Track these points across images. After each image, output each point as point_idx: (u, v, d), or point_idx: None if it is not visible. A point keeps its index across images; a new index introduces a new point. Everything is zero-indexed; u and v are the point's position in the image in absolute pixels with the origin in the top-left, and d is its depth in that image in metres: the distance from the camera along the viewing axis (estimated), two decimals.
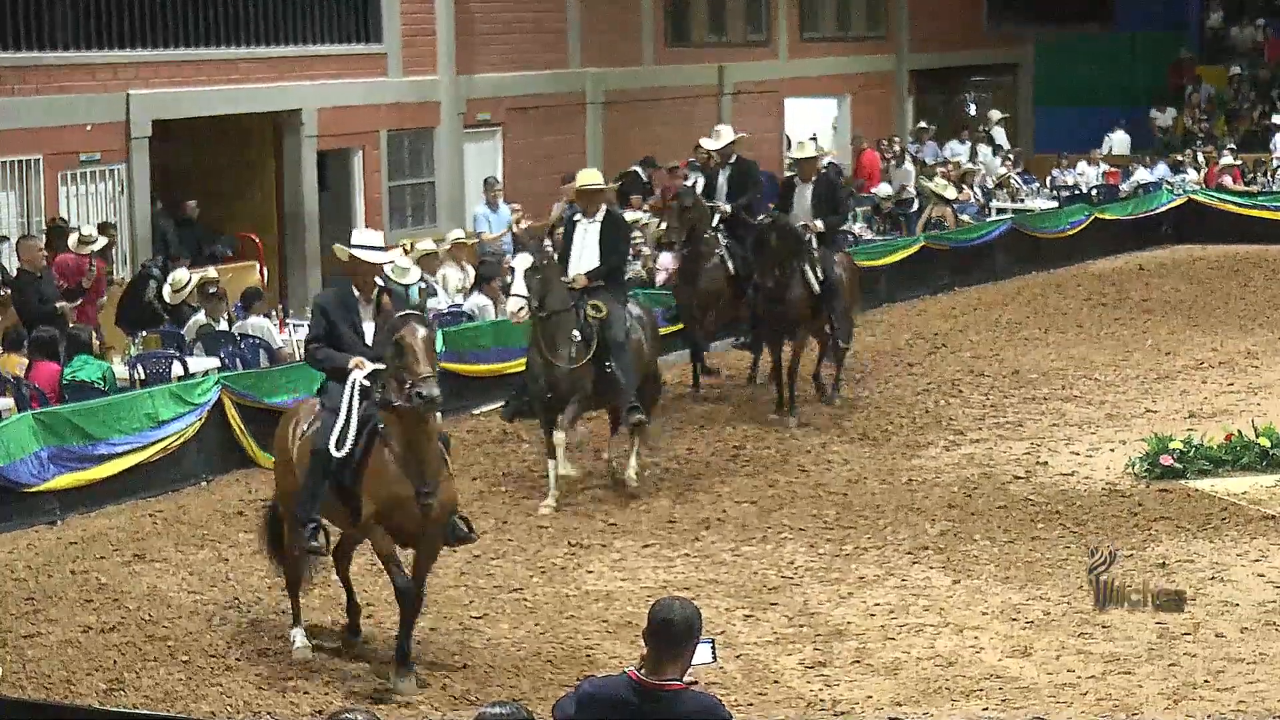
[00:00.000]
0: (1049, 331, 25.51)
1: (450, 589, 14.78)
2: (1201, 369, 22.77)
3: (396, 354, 12.28)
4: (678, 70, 32.58)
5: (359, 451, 12.59)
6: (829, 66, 36.03)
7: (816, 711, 12.07)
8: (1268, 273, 30.41)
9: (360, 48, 27.22)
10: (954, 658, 12.98)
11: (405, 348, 12.24)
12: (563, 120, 30.13)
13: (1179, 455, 17.59)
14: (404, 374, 12.23)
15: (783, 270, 20.06)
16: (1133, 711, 11.80)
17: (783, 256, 20.02)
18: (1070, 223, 32.13)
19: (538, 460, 18.19)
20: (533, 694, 12.11)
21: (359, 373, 12.65)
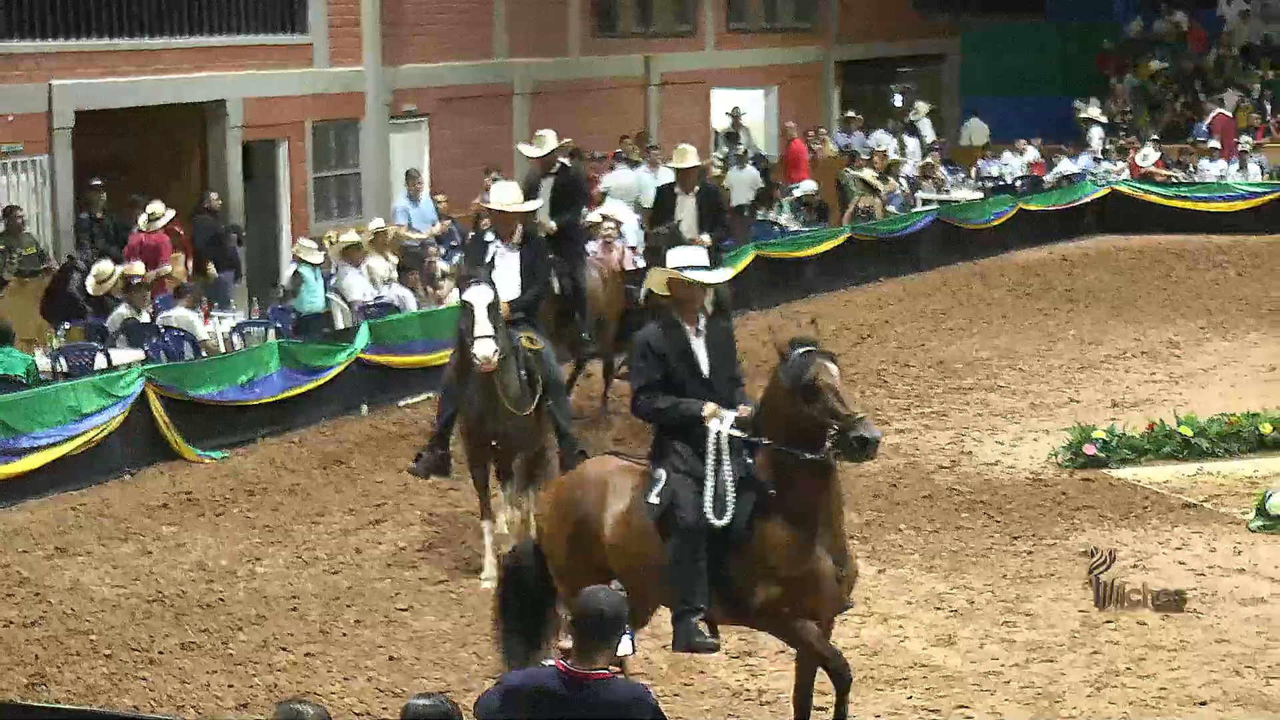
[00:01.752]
0: (974, 322, 25.63)
1: (376, 581, 14.75)
2: (1124, 358, 22.92)
3: (808, 397, 10.35)
4: (604, 61, 32.56)
5: (741, 521, 10.54)
6: (756, 57, 36.09)
7: (742, 701, 12.10)
8: (1190, 263, 30.65)
9: (285, 38, 27.09)
10: (879, 647, 13.03)
11: (820, 390, 10.34)
12: (489, 111, 30.07)
13: (1102, 444, 17.71)
14: (825, 418, 10.29)
15: None
16: (1055, 699, 11.88)
17: None
18: (995, 213, 32.31)
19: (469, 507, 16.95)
20: (459, 686, 12.09)
21: (719, 423, 10.67)
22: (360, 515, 16.73)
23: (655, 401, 10.86)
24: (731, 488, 10.49)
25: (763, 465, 10.56)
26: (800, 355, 10.50)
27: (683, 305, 11.08)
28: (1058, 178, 34.70)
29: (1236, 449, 17.73)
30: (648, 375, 10.91)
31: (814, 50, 37.72)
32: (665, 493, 10.68)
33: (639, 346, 11.10)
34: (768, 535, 10.42)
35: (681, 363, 10.89)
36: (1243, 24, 41.15)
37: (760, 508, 10.47)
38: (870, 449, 10.38)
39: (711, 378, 10.93)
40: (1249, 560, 14.64)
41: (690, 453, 10.70)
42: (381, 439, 19.72)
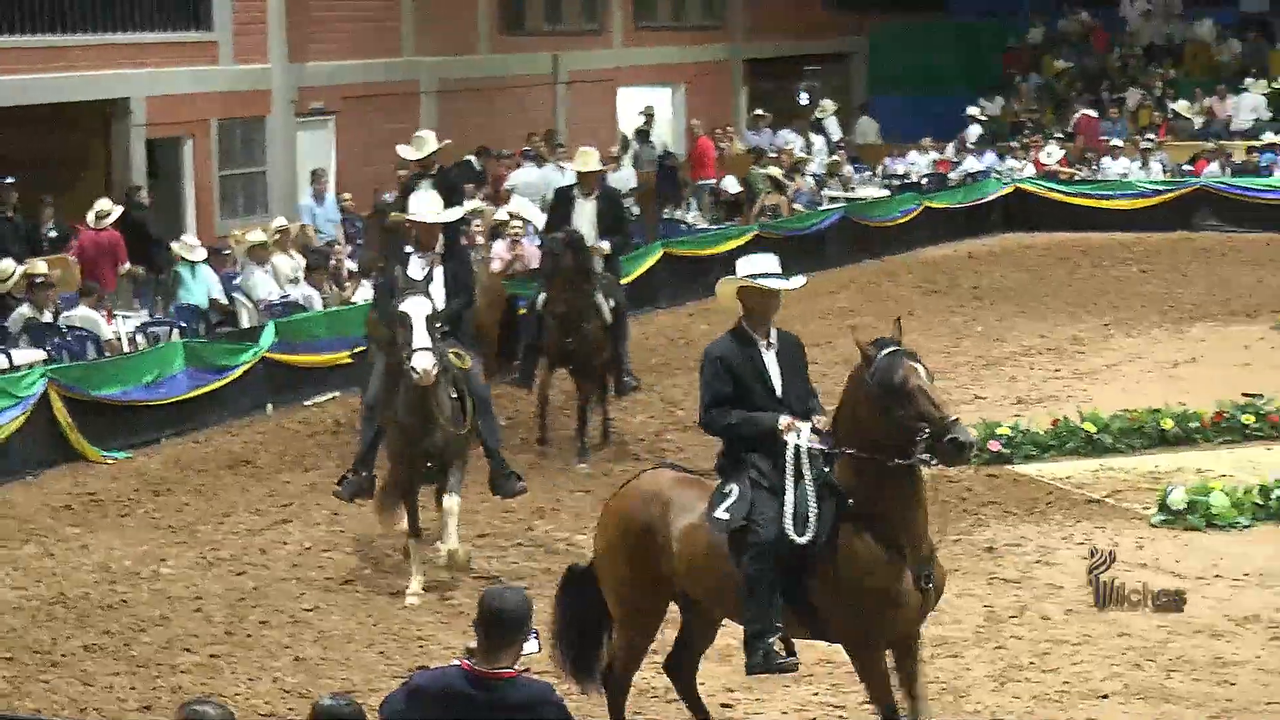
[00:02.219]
0: (880, 319, 25.66)
1: (282, 582, 14.69)
2: (1029, 355, 23.08)
3: (898, 401, 9.90)
4: (512, 59, 32.52)
5: (822, 536, 10.11)
6: (664, 55, 36.14)
7: (649, 699, 12.10)
8: (1094, 260, 30.90)
9: (191, 35, 26.92)
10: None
11: (911, 392, 9.91)
12: (397, 109, 29.96)
13: (1006, 440, 17.83)
14: (916, 422, 9.87)
15: (576, 296, 17.94)
16: (960, 694, 11.95)
17: (577, 280, 17.90)
18: (901, 211, 32.47)
19: None
20: (365, 686, 12.05)
21: (796, 436, 10.28)
22: (266, 515, 16.65)
23: (726, 416, 10.41)
24: (812, 503, 10.09)
25: (842, 475, 10.13)
26: (886, 356, 10.00)
27: (755, 315, 10.58)
28: (963, 175, 34.90)
29: (1139, 445, 17.90)
30: (717, 389, 10.45)
31: (721, 48, 37.80)
32: (738, 508, 10.24)
33: (708, 360, 10.58)
34: (850, 550, 9.99)
35: (753, 376, 10.46)
36: (1145, 23, 41.50)
37: (841, 521, 10.04)
38: (966, 452, 9.94)
39: (784, 391, 10.51)
40: (1150, 555, 14.77)
41: (769, 466, 10.27)
42: (288, 438, 19.62)
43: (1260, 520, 15.51)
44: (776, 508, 10.13)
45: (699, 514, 10.43)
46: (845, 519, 10.04)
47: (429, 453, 14.19)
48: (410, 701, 7.63)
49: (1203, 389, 19.84)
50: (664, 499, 10.55)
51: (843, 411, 10.29)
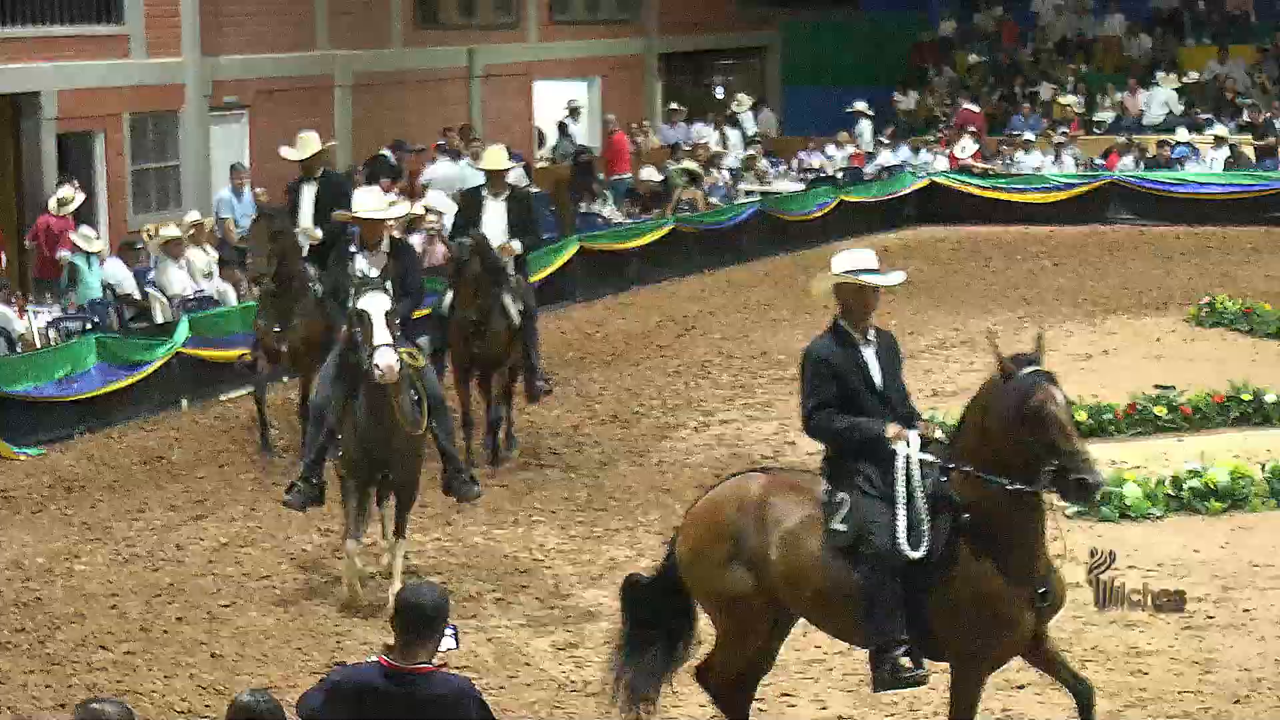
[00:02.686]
0: (797, 313, 25.80)
1: (198, 577, 14.61)
2: (944, 348, 23.21)
3: (1031, 426, 9.56)
4: (427, 52, 32.40)
5: (937, 551, 9.79)
6: (579, 49, 36.09)
7: (568, 693, 12.12)
8: (1008, 253, 31.09)
9: (102, 28, 26.68)
10: (704, 637, 13.01)
11: (1046, 420, 9.56)
12: (311, 103, 29.80)
13: None
14: (1046, 452, 9.51)
15: (483, 300, 17.47)
16: None
17: (484, 284, 17.43)
18: (817, 205, 32.56)
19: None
20: (283, 682, 12.01)
21: (906, 445, 9.93)
22: (181, 511, 16.55)
23: (833, 421, 10.02)
24: (926, 516, 9.74)
25: (960, 488, 9.78)
26: (1027, 376, 9.68)
27: (854, 313, 10.22)
28: (878, 169, 35.04)
29: None
30: (821, 392, 10.06)
31: (636, 42, 37.80)
32: (852, 518, 9.88)
33: (810, 362, 10.21)
34: (967, 568, 9.68)
35: (857, 378, 10.12)
36: (1057, 18, 41.78)
37: (957, 537, 9.72)
38: (1093, 495, 9.69)
39: (885, 390, 10.22)
40: (1065, 546, 14.83)
41: (878, 475, 9.91)
42: (203, 434, 19.51)
43: (1172, 511, 15.66)
44: (890, 518, 9.80)
45: (798, 521, 10.08)
46: (961, 534, 9.71)
47: (386, 457, 13.70)
48: (328, 698, 7.60)
49: (1115, 381, 20.00)
50: (759, 504, 10.16)
51: (968, 424, 9.97)
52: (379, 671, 7.52)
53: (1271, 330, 23.02)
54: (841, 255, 10.52)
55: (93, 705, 7.07)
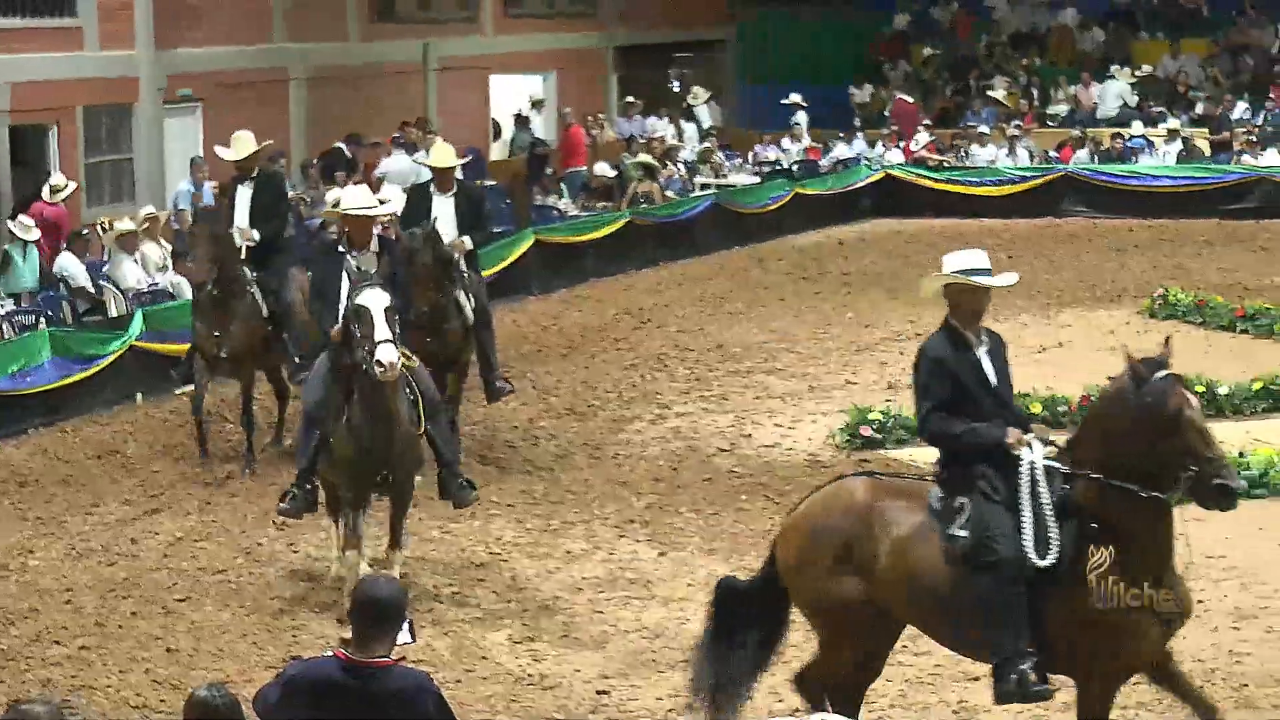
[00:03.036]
0: (752, 305, 25.85)
1: (153, 572, 14.56)
2: (899, 340, 23.24)
3: (1166, 432, 9.37)
4: (383, 46, 32.32)
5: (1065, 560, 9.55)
6: (535, 43, 36.05)
7: (524, 686, 12.12)
8: (962, 246, 31.05)
9: (55, 21, 26.54)
10: (661, 630, 13.12)
11: (1184, 425, 9.37)
12: (266, 97, 29.71)
13: (878, 426, 17.98)
14: (1183, 458, 9.36)
15: (437, 294, 16.97)
16: None
17: (438, 277, 16.90)
18: (772, 198, 32.60)
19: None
20: (239, 677, 11.98)
21: (1029, 451, 9.74)
22: (136, 505, 16.49)
23: (950, 425, 9.81)
24: (1052, 523, 9.49)
25: (1084, 495, 9.59)
26: (1161, 381, 9.42)
27: (965, 314, 10.03)
28: (833, 162, 35.10)
29: None
30: (937, 393, 9.85)
31: (593, 36, 37.77)
32: (973, 524, 9.65)
33: (925, 361, 9.99)
34: (1094, 577, 9.47)
35: (973, 380, 9.91)
36: (1011, 12, 41.91)
37: (1084, 545, 9.50)
38: (1232, 500, 9.36)
39: (998, 391, 10.01)
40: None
41: (999, 480, 9.70)
42: (157, 428, 19.44)
43: None
44: (1013, 525, 9.56)
45: (912, 527, 9.85)
46: (1087, 542, 9.51)
47: (387, 458, 13.30)
48: (285, 693, 7.59)
49: (1070, 373, 20.05)
50: (866, 510, 9.94)
51: (1091, 428, 9.84)
52: (336, 666, 7.51)
53: (1224, 323, 23.14)
54: (953, 255, 10.32)
55: (22, 706, 7.04)
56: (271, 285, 17.74)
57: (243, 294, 17.59)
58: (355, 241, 14.01)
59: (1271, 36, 38.87)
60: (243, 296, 17.59)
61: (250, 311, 17.60)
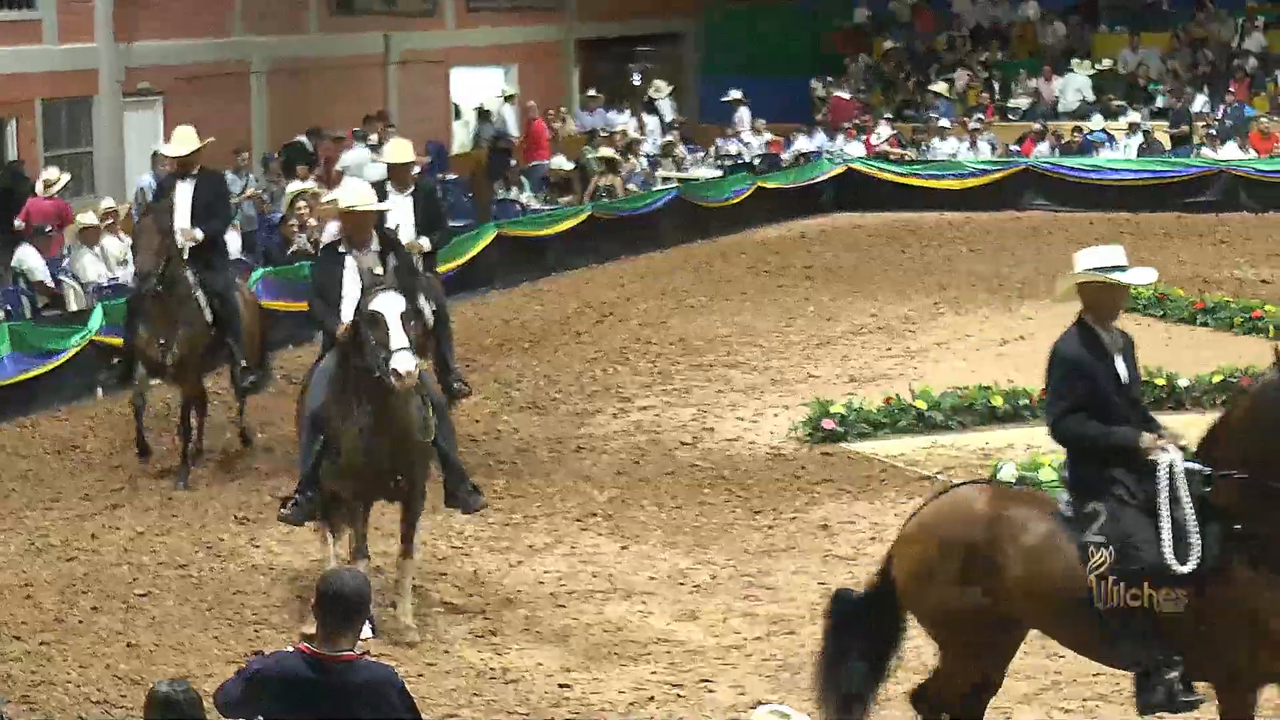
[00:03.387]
0: (714, 299, 25.86)
1: (114, 567, 14.51)
2: (861, 334, 23.29)
3: None
4: (344, 39, 32.26)
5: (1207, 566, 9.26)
6: (497, 36, 36.01)
7: (487, 680, 12.12)
8: (924, 240, 31.21)
9: (13, 14, 26.46)
10: (623, 623, 13.13)
11: None
12: (226, 89, 29.64)
13: (840, 419, 18.01)
14: None
15: None
16: (796, 671, 12.04)
17: (402, 280, 16.27)
18: (734, 191, 32.60)
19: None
20: (200, 672, 11.95)
21: (1167, 454, 9.41)
22: (96, 500, 16.43)
23: (1085, 428, 9.55)
24: (1193, 528, 9.21)
25: (1223, 496, 9.31)
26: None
27: (1101, 313, 9.72)
28: (795, 156, 35.12)
29: (969, 422, 18.15)
30: (1071, 395, 9.59)
31: (554, 29, 37.74)
32: (1110, 530, 9.39)
33: (1060, 360, 9.70)
34: (1238, 581, 9.19)
35: (1108, 382, 9.64)
36: (972, 5, 41.98)
37: (1229, 549, 9.22)
38: None
39: (1130, 392, 9.77)
40: None
41: (1135, 484, 9.45)
42: (117, 422, 19.35)
43: None
44: (1153, 530, 9.29)
45: (1042, 534, 9.60)
46: (1230, 546, 9.23)
47: (394, 468, 12.82)
48: (248, 688, 7.57)
49: (1031, 366, 19.88)
50: (991, 518, 9.67)
51: (1232, 427, 9.48)
52: (300, 660, 7.49)
53: (1184, 315, 23.23)
54: (1088, 252, 9.98)
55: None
56: (215, 287, 17.02)
57: (187, 297, 16.83)
58: (356, 239, 13.49)
59: (1231, 30, 39.01)
60: (187, 299, 16.83)
61: (195, 315, 16.89)
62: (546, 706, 11.59)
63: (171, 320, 16.83)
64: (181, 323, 16.85)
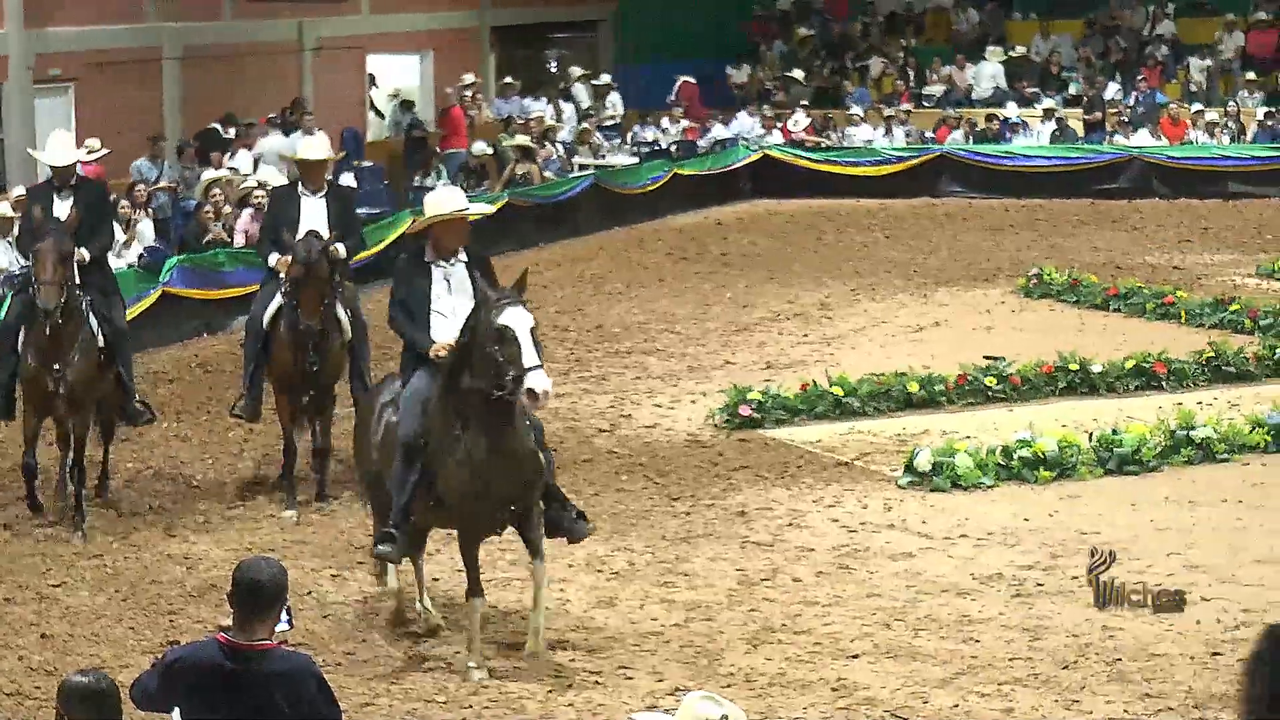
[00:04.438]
0: (631, 286, 25.88)
1: (27, 557, 14.40)
2: (778, 321, 23.36)
3: None
4: (258, 25, 32.05)
5: None
6: (412, 23, 35.85)
7: (405, 669, 12.08)
8: (840, 226, 31.34)
9: None
10: None
11: None
12: (140, 76, 29.40)
13: (757, 405, 18.05)
14: None
15: (326, 310, 15.37)
16: (714, 657, 12.09)
17: (327, 291, 15.30)
18: (651, 178, 32.64)
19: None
20: (114, 661, 11.87)
21: None
22: (10, 491, 16.28)
23: None
24: None
25: None
26: None
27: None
28: (711, 143, 35.17)
29: (886, 408, 18.23)
30: None
31: (470, 15, 37.60)
32: None
33: None
34: None
35: None
36: None
37: None
38: None
39: None
40: (898, 516, 15.06)
41: None
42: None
43: (1002, 480, 15.89)
44: None
45: None
46: None
47: (511, 495, 11.85)
48: (165, 678, 7.52)
49: (946, 352, 20.25)
50: None
51: None
52: (217, 649, 7.45)
53: (1097, 301, 23.41)
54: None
55: None
56: (103, 310, 15.26)
57: (81, 322, 14.96)
58: (443, 250, 12.30)
59: (1142, 18, 39.32)
60: (80, 325, 14.95)
61: (89, 342, 15.03)
62: (465, 695, 11.57)
63: (64, 347, 14.86)
64: (78, 349, 14.91)
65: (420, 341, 12.17)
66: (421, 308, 12.18)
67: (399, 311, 12.34)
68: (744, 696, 11.14)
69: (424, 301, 12.18)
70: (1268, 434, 16.70)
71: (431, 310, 12.19)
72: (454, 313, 12.09)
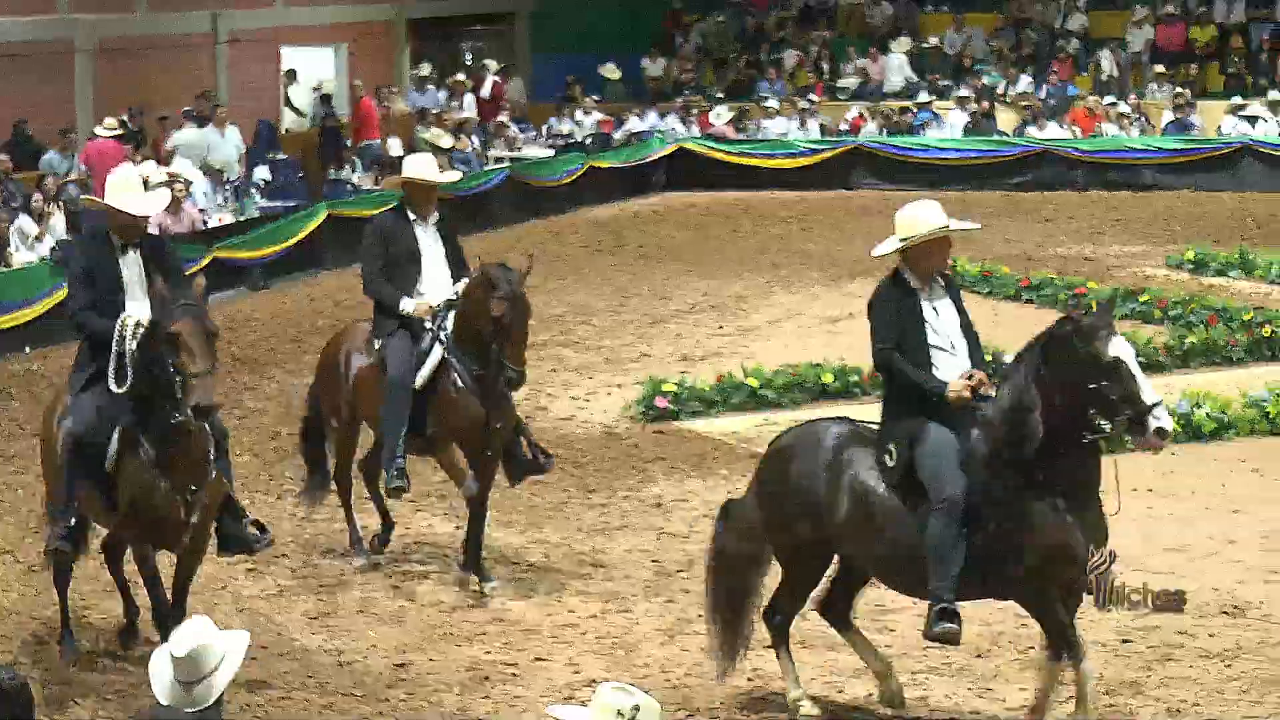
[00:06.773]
0: (548, 279, 25.82)
1: None
2: (694, 312, 23.43)
3: None
4: (171, 17, 31.85)
5: None
6: (327, 15, 35.71)
7: (322, 662, 12.06)
8: (756, 218, 31.43)
9: None
10: (457, 603, 13.13)
11: None
12: (51, 69, 29.18)
13: (673, 397, 18.11)
14: None
15: None
16: (631, 648, 12.13)
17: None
18: (566, 171, 32.65)
19: None
20: (27, 660, 11.81)
21: None
22: None
23: None
24: None
25: None
26: None
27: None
28: (627, 135, 35.20)
29: (800, 399, 18.31)
30: None
31: (386, 8, 37.50)
32: None
33: None
34: None
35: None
36: None
37: None
38: None
39: None
40: None
41: None
42: None
43: None
44: None
45: None
46: None
47: None
48: None
49: (862, 344, 20.13)
50: None
51: None
52: None
53: (1010, 293, 23.58)
54: None
55: None
56: None
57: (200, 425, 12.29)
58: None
59: (1054, 12, 39.58)
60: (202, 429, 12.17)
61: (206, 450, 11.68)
62: (382, 688, 11.57)
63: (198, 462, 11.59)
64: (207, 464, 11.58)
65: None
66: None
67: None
68: (661, 687, 11.19)
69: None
70: (1178, 424, 16.86)
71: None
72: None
